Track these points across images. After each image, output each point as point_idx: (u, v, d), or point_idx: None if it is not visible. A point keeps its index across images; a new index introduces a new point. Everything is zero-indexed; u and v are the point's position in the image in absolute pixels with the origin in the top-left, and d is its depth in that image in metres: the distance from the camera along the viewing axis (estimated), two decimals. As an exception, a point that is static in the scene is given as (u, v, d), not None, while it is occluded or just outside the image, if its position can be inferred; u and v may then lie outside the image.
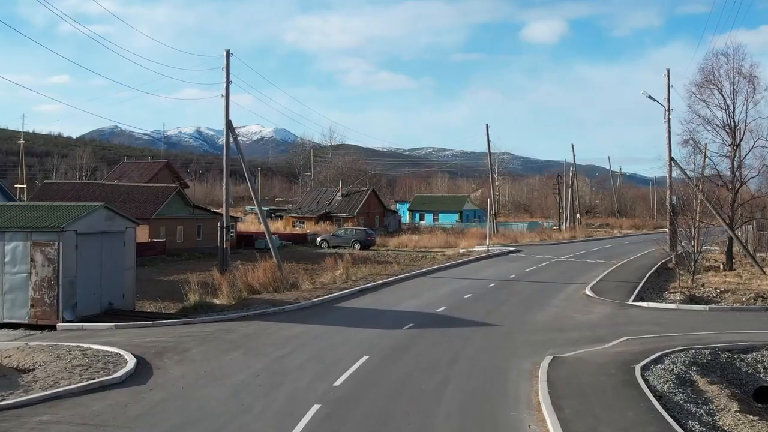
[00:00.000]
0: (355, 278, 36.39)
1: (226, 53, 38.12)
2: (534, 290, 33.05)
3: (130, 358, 17.51)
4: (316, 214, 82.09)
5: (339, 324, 23.32)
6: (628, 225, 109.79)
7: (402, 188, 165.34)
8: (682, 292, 33.04)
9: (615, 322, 24.63)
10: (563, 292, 32.48)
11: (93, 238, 24.94)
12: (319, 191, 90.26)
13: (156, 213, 56.28)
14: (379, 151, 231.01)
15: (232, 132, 38.49)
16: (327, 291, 30.57)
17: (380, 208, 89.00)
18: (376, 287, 32.86)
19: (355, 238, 65.28)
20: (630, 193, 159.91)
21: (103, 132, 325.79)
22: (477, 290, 32.42)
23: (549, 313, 26.56)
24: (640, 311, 27.48)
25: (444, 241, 67.72)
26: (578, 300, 30.30)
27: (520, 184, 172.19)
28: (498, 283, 35.07)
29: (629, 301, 29.55)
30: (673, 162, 44.67)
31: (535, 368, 17.44)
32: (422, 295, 30.80)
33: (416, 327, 23.04)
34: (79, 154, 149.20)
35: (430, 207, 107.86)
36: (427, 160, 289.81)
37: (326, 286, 32.62)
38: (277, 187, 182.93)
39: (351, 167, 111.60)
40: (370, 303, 28.34)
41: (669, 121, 44.27)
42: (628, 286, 34.18)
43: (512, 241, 68.22)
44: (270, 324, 23.00)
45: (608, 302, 29.29)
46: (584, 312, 26.94)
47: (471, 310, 26.73)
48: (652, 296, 32.22)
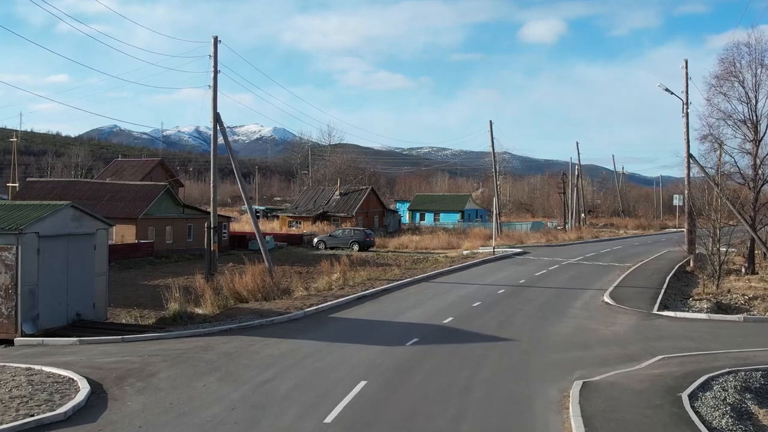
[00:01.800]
0: (353, 283, 33.68)
1: (213, 40, 35.38)
2: (548, 297, 30.28)
3: (83, 385, 14.72)
4: (313, 213, 79.29)
5: (333, 339, 20.54)
6: (633, 225, 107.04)
7: (402, 187, 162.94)
8: (708, 300, 30.39)
9: (644, 336, 21.87)
10: (580, 300, 29.73)
11: (58, 241, 22.22)
12: (316, 190, 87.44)
13: (144, 212, 53.55)
14: (378, 150, 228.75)
15: (220, 125, 35.70)
16: (321, 299, 27.78)
17: (379, 208, 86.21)
18: (375, 294, 30.06)
19: (353, 239, 62.60)
20: (632, 193, 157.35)
21: (102, 131, 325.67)
22: (486, 297, 29.64)
23: (568, 325, 23.80)
24: (669, 322, 24.72)
25: (446, 242, 65.11)
26: (598, 309, 27.54)
27: (521, 183, 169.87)
28: (508, 290, 32.29)
29: (654, 310, 26.81)
30: (692, 159, 41.91)
31: (563, 397, 14.72)
32: (426, 303, 28.01)
33: (421, 342, 20.29)
34: (75, 153, 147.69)
35: (431, 206, 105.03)
36: (426, 160, 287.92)
37: (321, 293, 29.88)
38: (275, 187, 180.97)
39: (349, 166, 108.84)
40: (369, 313, 25.53)
41: (687, 115, 41.60)
42: (649, 292, 31.46)
43: (517, 242, 65.47)
44: (254, 340, 20.21)
45: (631, 311, 26.55)
46: (607, 323, 24.18)
47: (481, 322, 23.97)
48: (677, 304, 29.55)
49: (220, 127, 35.75)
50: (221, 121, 35.74)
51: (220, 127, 35.75)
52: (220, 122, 35.65)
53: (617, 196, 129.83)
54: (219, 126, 35.71)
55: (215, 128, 35.72)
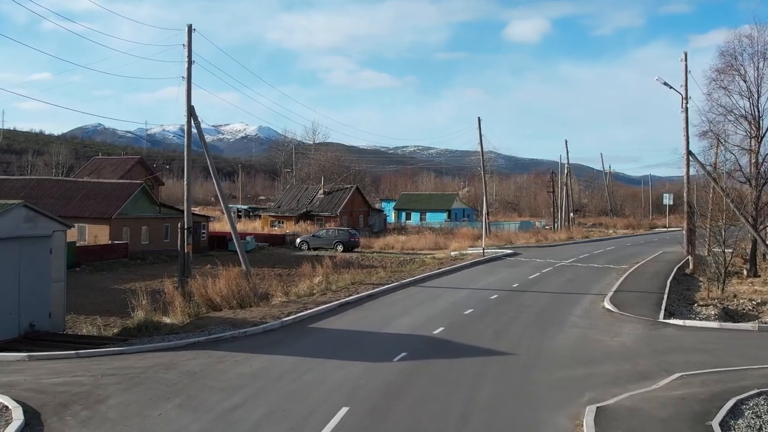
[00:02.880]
0: (336, 288, 31.61)
1: (187, 29, 33.16)
2: (544, 303, 28.30)
3: (17, 415, 12.59)
4: (296, 213, 77.15)
5: (312, 354, 18.44)
6: (622, 225, 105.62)
7: (387, 186, 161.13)
8: (715, 306, 28.48)
9: (655, 349, 19.91)
10: (579, 306, 27.77)
11: (8, 245, 20.08)
12: (299, 189, 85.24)
13: (118, 212, 51.23)
14: (363, 149, 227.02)
15: (194, 119, 33.50)
16: (301, 306, 25.66)
17: (365, 207, 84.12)
18: (359, 301, 27.96)
19: (337, 240, 60.57)
20: (619, 192, 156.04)
21: (86, 130, 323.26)
22: (478, 304, 27.62)
23: (570, 336, 21.82)
24: (678, 332, 22.77)
25: (433, 243, 63.17)
26: (599, 316, 25.58)
27: (507, 182, 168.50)
28: (501, 295, 30.29)
29: (660, 318, 24.86)
30: (692, 156, 40.09)
31: (575, 426, 12.74)
32: (415, 310, 25.96)
33: (410, 357, 18.23)
34: (56, 151, 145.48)
35: (417, 206, 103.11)
36: (411, 159, 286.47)
37: (301, 299, 27.78)
38: (259, 185, 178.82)
39: (334, 164, 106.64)
40: (353, 322, 23.44)
41: (687, 110, 39.76)
42: (651, 297, 29.56)
43: (506, 242, 63.58)
44: (224, 355, 18.07)
45: (636, 319, 24.60)
46: (612, 333, 22.21)
47: (475, 332, 21.95)
48: (682, 310, 27.64)
49: (195, 121, 33.55)
50: (196, 115, 33.57)
51: (195, 121, 33.55)
52: (194, 116, 33.47)
53: (606, 196, 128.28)
54: (193, 120, 33.52)
55: (189, 122, 33.51)
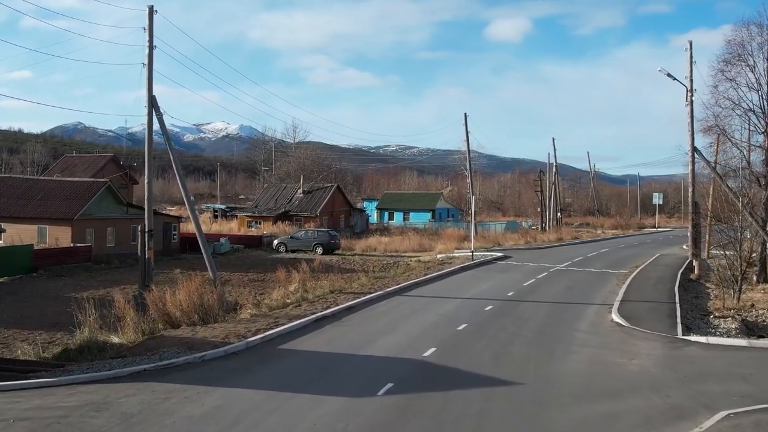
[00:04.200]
0: (312, 298, 28.52)
1: (148, 10, 30.02)
2: (545, 316, 25.31)
3: None
4: (275, 213, 73.90)
5: (280, 386, 15.33)
6: (610, 225, 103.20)
7: (369, 185, 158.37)
8: (733, 318, 25.72)
9: (683, 375, 16.97)
10: (584, 319, 24.84)
11: None
12: (278, 188, 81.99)
13: (81, 212, 47.84)
14: (345, 148, 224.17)
15: (156, 111, 30.28)
16: (272, 322, 22.52)
17: (346, 207, 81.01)
18: (338, 314, 24.79)
19: (316, 241, 57.49)
20: (604, 192, 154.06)
21: (65, 128, 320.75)
22: (472, 317, 24.57)
23: (581, 357, 18.85)
24: (703, 351, 19.84)
25: (418, 244, 60.28)
26: (609, 331, 22.64)
27: (490, 181, 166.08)
28: (496, 305, 27.26)
29: (678, 334, 21.92)
30: (697, 153, 37.34)
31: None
32: (401, 326, 22.87)
33: (399, 389, 15.18)
34: (31, 150, 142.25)
35: (400, 205, 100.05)
36: (394, 158, 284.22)
37: (273, 312, 24.64)
38: (239, 185, 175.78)
39: (314, 162, 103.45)
40: (330, 342, 20.29)
41: (692, 103, 36.94)
42: (661, 308, 26.67)
43: (494, 243, 60.69)
44: (173, 389, 14.93)
45: (652, 336, 21.66)
46: (628, 354, 19.26)
47: (472, 354, 18.94)
48: (699, 324, 24.80)
49: (157, 113, 30.32)
50: (158, 106, 30.35)
51: (157, 113, 30.32)
52: (156, 106, 30.26)
53: (592, 195, 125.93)
54: (155, 111, 30.30)
55: (150, 113, 30.26)
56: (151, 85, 30.12)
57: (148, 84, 30.08)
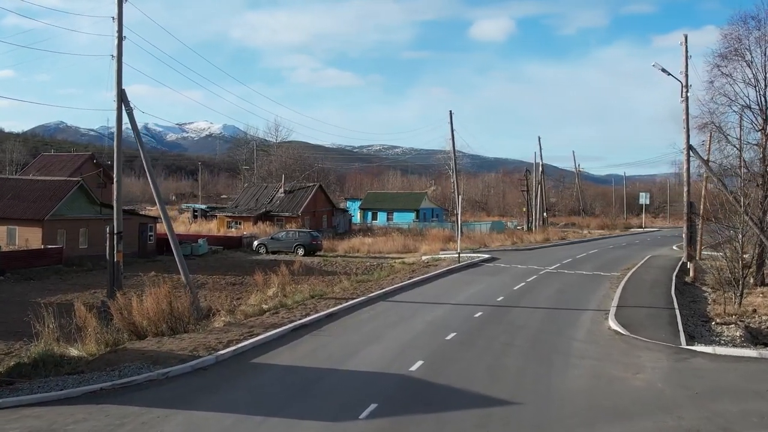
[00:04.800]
0: (291, 303, 26.91)
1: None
2: (539, 323, 23.80)
3: None
4: (255, 213, 72.11)
5: (250, 409, 13.70)
6: (596, 225, 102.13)
7: (352, 185, 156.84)
8: (736, 324, 24.33)
9: (696, 392, 15.50)
10: (580, 326, 23.36)
11: None
12: (258, 187, 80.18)
13: (52, 212, 45.96)
14: (328, 147, 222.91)
15: (126, 106, 28.53)
16: (246, 331, 20.87)
17: (328, 207, 79.32)
18: (317, 322, 23.15)
19: (297, 242, 55.85)
20: (588, 191, 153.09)
21: (47, 128, 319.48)
22: (461, 325, 23.02)
23: (582, 371, 17.33)
24: (712, 364, 18.39)
25: (402, 245, 58.78)
26: (608, 341, 21.16)
27: (474, 181, 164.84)
28: (486, 312, 25.70)
29: (683, 343, 20.47)
30: (692, 151, 36.00)
31: None
32: (385, 335, 21.25)
33: (383, 412, 13.60)
34: (9, 149, 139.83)
35: (384, 205, 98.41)
36: (377, 157, 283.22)
37: (248, 321, 23.01)
38: (222, 184, 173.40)
39: (296, 161, 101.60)
40: (308, 355, 18.66)
41: (687, 99, 35.70)
42: (660, 314, 25.25)
43: (480, 244, 59.23)
44: (129, 413, 13.28)
45: (654, 345, 20.21)
46: (632, 367, 17.78)
47: (463, 367, 17.38)
48: (702, 331, 23.39)
49: (126, 107, 28.56)
50: (128, 101, 28.59)
51: (126, 107, 28.56)
52: (125, 101, 28.51)
53: (577, 195, 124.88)
54: (125, 106, 28.55)
55: (120, 108, 28.50)
56: (120, 79, 28.40)
57: (117, 77, 28.37)
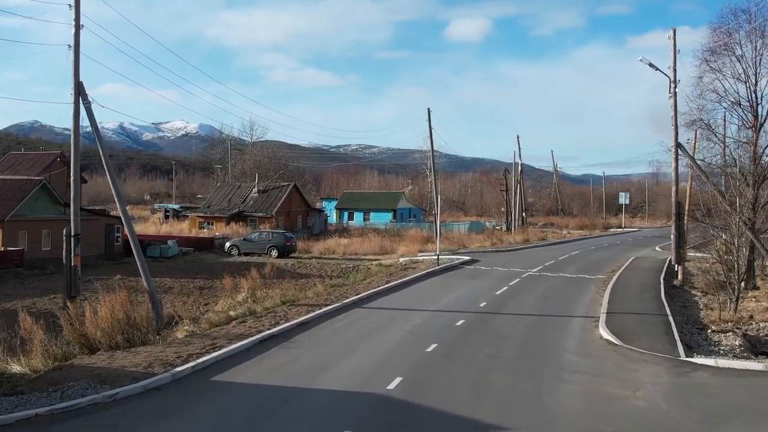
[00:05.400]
0: (261, 310, 25.22)
1: (74, -17, 26.31)
2: (526, 332, 22.22)
3: None
4: (228, 213, 70.14)
5: (206, 440, 12.06)
6: (575, 225, 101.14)
7: (329, 184, 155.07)
8: (733, 332, 22.95)
9: (704, 414, 13.98)
10: (570, 335, 21.83)
11: None
12: (231, 187, 78.14)
13: (12, 213, 43.79)
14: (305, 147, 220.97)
15: (84, 99, 26.55)
16: (209, 343, 19.08)
17: (303, 207, 77.49)
18: (287, 332, 21.39)
19: (271, 244, 54.01)
20: (566, 191, 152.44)
21: (21, 127, 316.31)
22: (442, 334, 21.41)
23: (575, 388, 15.76)
24: (715, 378, 16.90)
25: (379, 246, 57.12)
26: (601, 351, 19.62)
27: (452, 180, 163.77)
28: (469, 319, 24.09)
29: (681, 354, 18.96)
30: (681, 149, 34.64)
31: None
32: (360, 347, 19.53)
33: (356, 441, 12.00)
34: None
35: (361, 205, 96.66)
36: (354, 157, 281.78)
37: (211, 331, 21.24)
38: (197, 184, 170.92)
39: (271, 160, 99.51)
40: (275, 371, 16.91)
41: (675, 95, 34.17)
42: (653, 322, 23.80)
43: (459, 245, 57.69)
44: (63, 447, 11.60)
45: (651, 357, 18.70)
46: (630, 382, 16.24)
47: (446, 385, 15.75)
48: (698, 340, 21.99)
49: (84, 101, 26.56)
50: (86, 94, 26.63)
51: (84, 101, 26.56)
52: (83, 94, 26.54)
53: (555, 195, 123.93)
54: (82, 100, 26.58)
55: (77, 101, 26.49)
56: (77, 70, 26.40)
57: (75, 68, 26.36)
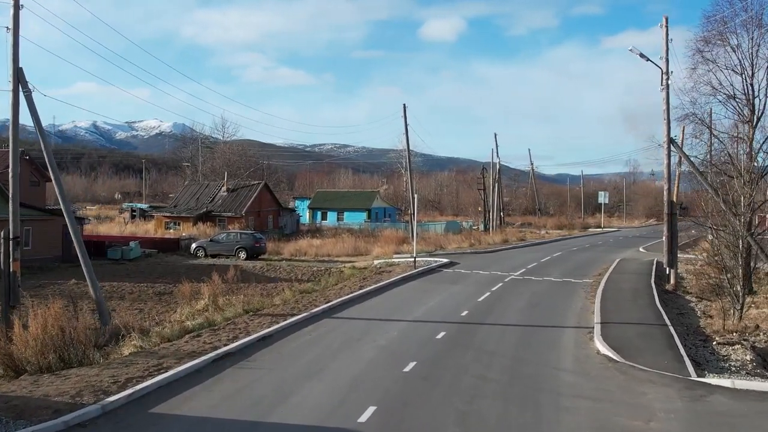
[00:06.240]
0: (221, 321, 22.81)
1: (11, -41, 23.68)
2: (514, 347, 19.88)
3: None
4: (195, 213, 67.37)
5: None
6: (553, 224, 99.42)
7: (302, 183, 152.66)
8: (741, 344, 20.85)
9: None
10: (563, 350, 19.56)
11: None
12: (199, 185, 75.34)
13: (-42, 214, 40.83)
14: (280, 146, 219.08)
15: (23, 87, 23.94)
16: (155, 363, 16.55)
17: (274, 206, 74.86)
18: (247, 349, 18.89)
19: (239, 245, 51.44)
20: (542, 191, 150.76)
21: None
22: (421, 350, 19.04)
23: (579, 419, 13.46)
24: (736, 403, 14.70)
25: (352, 247, 54.73)
26: (601, 370, 17.34)
27: (427, 179, 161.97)
28: (450, 331, 21.75)
29: (692, 374, 16.71)
30: (673, 144, 32.61)
31: None
32: (328, 368, 17.05)
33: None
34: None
35: (334, 204, 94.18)
36: (329, 156, 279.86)
37: (161, 348, 18.72)
38: (169, 183, 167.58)
39: (241, 158, 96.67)
40: (228, 399, 14.42)
41: (668, 87, 32.16)
42: (653, 333, 21.61)
43: (436, 246, 55.43)
44: None
45: (657, 377, 16.46)
46: (639, 410, 13.99)
47: (426, 417, 13.38)
48: (704, 353, 19.86)
49: (24, 89, 23.92)
50: (26, 81, 24.00)
51: (24, 89, 23.92)
52: (23, 82, 23.92)
53: (533, 194, 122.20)
54: (22, 88, 23.95)
55: (16, 90, 23.88)
56: (16, 55, 23.79)
57: (13, 53, 23.72)
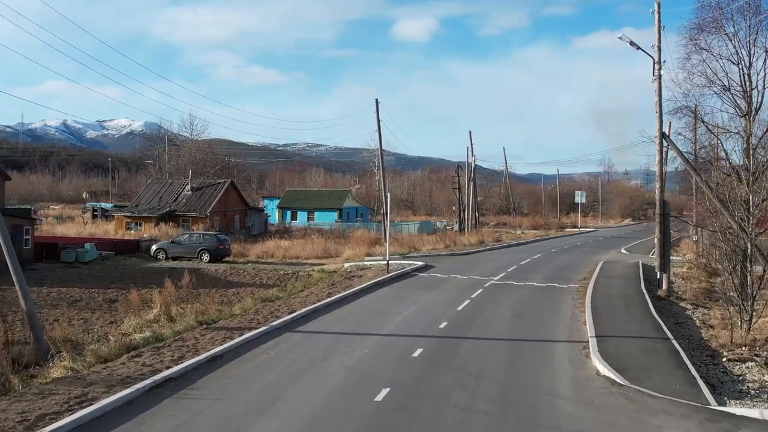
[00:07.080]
0: (169, 335, 20.21)
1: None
2: (503, 367, 17.32)
3: None
4: (158, 213, 64.31)
5: None
6: (528, 224, 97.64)
7: (273, 183, 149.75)
8: (753, 360, 18.61)
9: None
10: (558, 370, 17.09)
11: None
12: (162, 184, 72.25)
13: None
14: (251, 145, 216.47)
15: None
16: (78, 394, 13.80)
17: (241, 206, 72.00)
18: (192, 371, 16.13)
19: (202, 247, 48.67)
20: (516, 190, 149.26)
21: None
22: (396, 372, 16.46)
23: (589, 466, 11.05)
24: (769, 440, 12.39)
25: (322, 249, 52.20)
26: (604, 397, 14.89)
27: (400, 179, 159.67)
28: (429, 347, 19.17)
29: (710, 401, 14.35)
30: (665, 139, 30.41)
31: None
32: (286, 397, 14.39)
33: None
34: None
35: (305, 204, 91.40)
36: (301, 156, 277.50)
37: (92, 371, 16.02)
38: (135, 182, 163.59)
39: (207, 155, 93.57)
40: (160, 441, 11.89)
41: (660, 77, 29.93)
42: (656, 348, 19.24)
43: (410, 248, 53.01)
44: None
45: (671, 405, 14.04)
46: (659, 452, 11.61)
47: (404, 465, 10.90)
48: (715, 372, 17.64)
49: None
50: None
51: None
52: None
53: (507, 194, 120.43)
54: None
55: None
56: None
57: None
